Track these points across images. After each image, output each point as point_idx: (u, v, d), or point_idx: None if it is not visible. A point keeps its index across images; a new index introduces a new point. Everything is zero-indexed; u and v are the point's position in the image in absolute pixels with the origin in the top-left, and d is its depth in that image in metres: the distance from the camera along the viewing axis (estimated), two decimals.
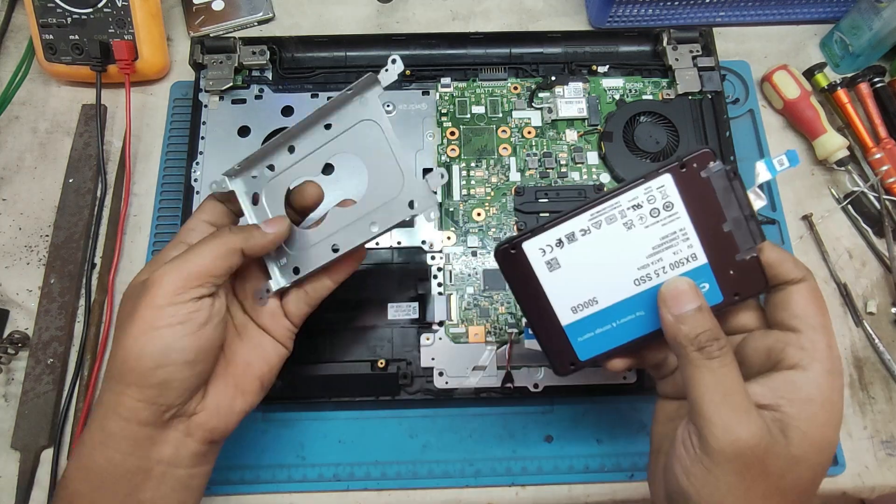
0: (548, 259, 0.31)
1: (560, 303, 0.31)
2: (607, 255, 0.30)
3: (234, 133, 0.49)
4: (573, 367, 0.32)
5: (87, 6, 0.50)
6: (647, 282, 0.30)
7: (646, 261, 0.30)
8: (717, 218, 0.29)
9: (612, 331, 0.31)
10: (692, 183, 0.29)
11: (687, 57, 0.50)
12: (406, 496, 0.43)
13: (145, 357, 0.29)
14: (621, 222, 0.30)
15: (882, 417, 0.45)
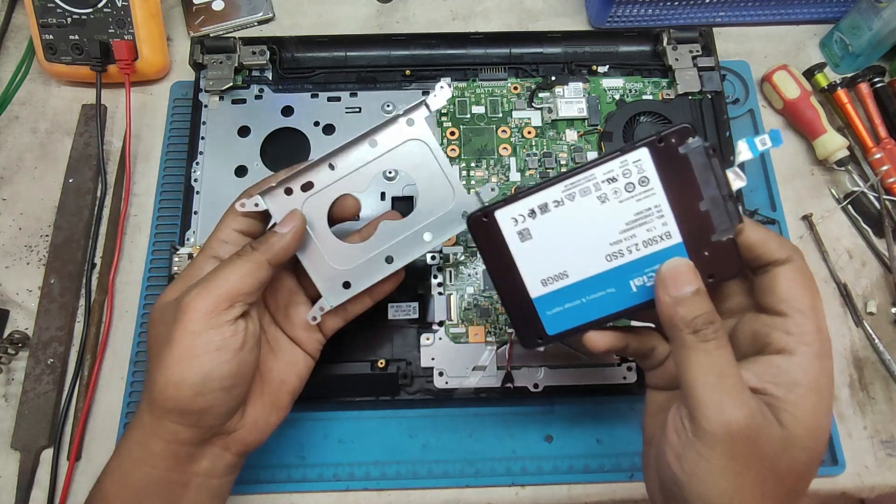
0: (520, 229, 0.30)
1: (530, 275, 0.30)
2: (580, 229, 0.29)
3: (234, 133, 0.49)
4: (540, 340, 0.31)
5: (87, 6, 0.50)
6: (619, 258, 0.29)
7: (618, 236, 0.29)
8: (693, 196, 0.28)
9: (582, 306, 0.30)
10: (669, 158, 0.28)
11: (687, 57, 0.50)
12: (406, 496, 0.43)
13: (185, 386, 0.29)
14: (595, 195, 0.29)
15: (882, 417, 0.45)
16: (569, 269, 0.30)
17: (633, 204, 0.29)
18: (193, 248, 0.45)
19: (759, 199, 0.50)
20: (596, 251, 0.29)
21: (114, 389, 0.45)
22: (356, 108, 0.50)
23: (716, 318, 0.27)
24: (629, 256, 0.29)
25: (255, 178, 0.48)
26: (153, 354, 0.31)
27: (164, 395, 0.30)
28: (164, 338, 0.30)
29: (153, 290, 0.47)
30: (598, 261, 0.30)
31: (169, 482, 0.31)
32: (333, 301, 0.36)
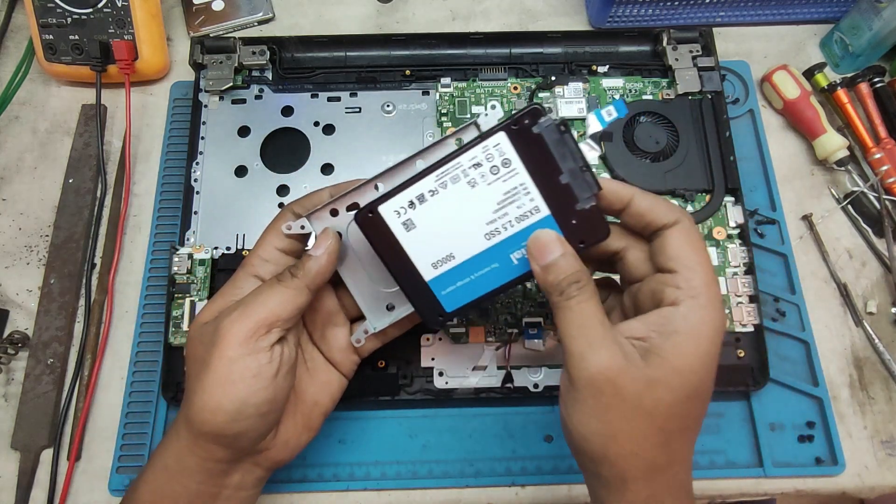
0: (403, 220, 0.32)
1: (421, 260, 0.32)
2: (457, 213, 0.31)
3: (234, 133, 0.49)
4: (441, 318, 0.33)
5: (87, 6, 0.50)
6: (497, 236, 0.31)
7: (493, 216, 0.31)
8: (553, 171, 0.30)
9: (472, 283, 0.32)
10: (525, 139, 0.30)
11: (687, 57, 0.50)
12: (406, 496, 0.43)
13: (221, 412, 0.30)
14: (465, 181, 0.31)
15: (882, 417, 0.45)
16: (454, 251, 0.32)
17: (501, 185, 0.31)
18: (193, 248, 0.45)
19: (759, 199, 0.50)
20: (475, 232, 0.32)
21: (114, 389, 0.45)
22: (356, 108, 0.50)
23: (581, 277, 0.29)
24: (506, 233, 0.31)
25: (255, 179, 0.48)
26: (191, 375, 0.32)
27: (200, 418, 0.30)
28: (201, 360, 0.31)
29: (153, 290, 0.47)
30: (478, 240, 0.32)
31: (201, 494, 0.32)
32: (378, 324, 0.35)
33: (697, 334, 0.28)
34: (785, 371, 0.45)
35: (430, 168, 0.31)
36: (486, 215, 0.31)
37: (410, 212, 0.32)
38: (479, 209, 0.31)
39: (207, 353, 0.30)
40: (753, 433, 0.44)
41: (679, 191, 0.47)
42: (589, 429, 0.28)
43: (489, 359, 0.43)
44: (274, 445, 0.33)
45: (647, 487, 0.28)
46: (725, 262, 0.46)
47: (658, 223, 0.30)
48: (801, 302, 0.46)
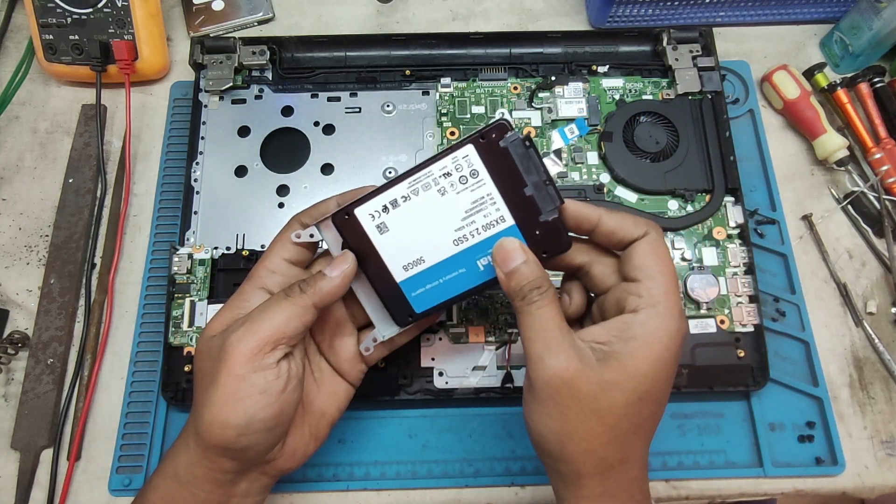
0: (377, 223, 0.33)
1: (393, 262, 0.34)
2: (427, 219, 0.33)
3: (234, 133, 0.49)
4: (411, 318, 0.35)
5: (87, 6, 0.50)
6: (465, 242, 0.33)
7: (461, 223, 0.33)
8: (518, 183, 0.32)
9: (441, 286, 0.34)
10: (492, 152, 0.31)
11: (687, 57, 0.50)
12: (406, 496, 0.43)
13: (229, 427, 0.30)
14: (435, 189, 0.32)
15: (882, 417, 0.45)
16: (424, 254, 0.34)
17: (469, 194, 0.32)
18: (193, 248, 0.46)
19: (760, 199, 0.50)
20: (444, 238, 0.33)
21: (114, 389, 0.45)
22: (356, 108, 0.50)
23: (542, 283, 0.30)
24: (473, 240, 0.33)
25: (255, 179, 0.48)
26: (199, 388, 0.32)
27: (209, 432, 0.30)
28: (209, 374, 0.31)
29: (153, 290, 0.47)
30: (447, 246, 0.33)
31: (209, 502, 0.32)
32: (387, 332, 0.36)
33: (653, 340, 0.29)
34: (785, 371, 0.45)
35: (404, 175, 0.33)
36: (455, 222, 0.33)
37: (384, 216, 0.33)
38: (448, 216, 0.33)
39: (215, 368, 0.31)
40: (753, 433, 0.44)
41: (679, 191, 0.47)
42: (547, 428, 0.30)
43: (489, 359, 0.43)
44: (281, 455, 0.34)
45: (600, 483, 0.30)
46: (725, 262, 0.46)
47: (629, 238, 0.32)
48: (801, 302, 0.46)
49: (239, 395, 0.30)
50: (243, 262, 0.45)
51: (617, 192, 0.48)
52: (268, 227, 0.47)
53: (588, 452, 0.29)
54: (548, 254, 0.32)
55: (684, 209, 0.47)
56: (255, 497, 0.35)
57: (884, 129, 0.51)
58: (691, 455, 0.43)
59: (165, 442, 0.44)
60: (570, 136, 0.35)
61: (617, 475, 0.30)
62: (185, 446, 0.32)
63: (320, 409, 0.35)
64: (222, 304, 0.43)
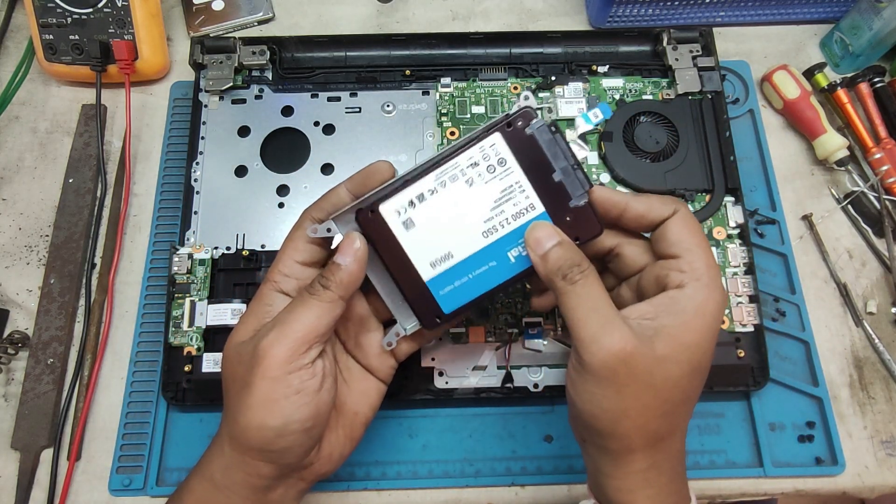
0: (403, 219, 0.32)
1: (420, 259, 0.33)
2: (455, 212, 0.32)
3: (234, 133, 0.49)
4: (439, 320, 0.33)
5: (87, 6, 0.50)
6: (495, 233, 0.32)
7: (490, 213, 0.32)
8: (546, 169, 0.32)
9: (470, 282, 0.33)
10: (519, 139, 0.32)
11: (687, 57, 0.50)
12: (406, 496, 0.43)
13: (266, 430, 0.30)
14: (463, 180, 0.32)
15: (882, 417, 0.45)
16: (452, 249, 0.33)
17: (497, 183, 0.32)
18: (193, 248, 0.45)
19: (760, 199, 0.50)
20: (473, 230, 0.32)
21: (114, 389, 0.45)
22: (356, 108, 0.50)
23: (581, 261, 0.30)
24: (503, 231, 0.32)
25: (255, 179, 0.48)
26: (231, 394, 0.32)
27: (245, 436, 0.30)
28: (241, 380, 0.31)
29: (153, 290, 0.47)
30: (476, 238, 0.32)
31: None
32: (409, 325, 0.35)
33: (703, 312, 0.29)
34: (785, 371, 0.45)
35: (430, 167, 0.32)
36: (484, 213, 0.32)
37: (410, 211, 0.32)
38: (476, 207, 0.32)
39: (248, 373, 0.30)
40: (753, 433, 0.44)
41: (679, 191, 0.47)
42: (601, 407, 0.29)
43: (489, 359, 0.43)
44: (318, 459, 0.34)
45: (649, 457, 0.30)
46: (725, 262, 0.46)
47: (658, 219, 0.32)
48: (801, 302, 0.46)
49: (275, 396, 0.30)
50: (243, 261, 0.45)
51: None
52: (268, 227, 0.47)
53: (642, 427, 0.29)
54: (580, 239, 0.32)
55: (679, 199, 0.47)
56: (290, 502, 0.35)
57: (884, 129, 0.51)
58: (691, 455, 0.43)
59: (165, 442, 0.44)
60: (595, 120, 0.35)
61: (665, 447, 0.30)
62: (219, 451, 0.32)
63: (353, 409, 0.35)
64: (222, 303, 0.44)
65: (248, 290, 0.45)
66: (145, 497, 0.42)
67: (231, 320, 0.44)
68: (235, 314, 0.44)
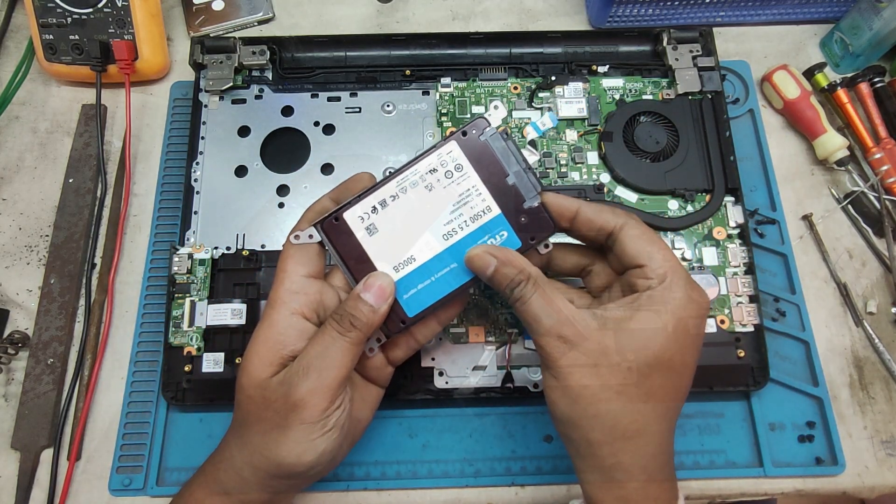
0: (366, 225, 0.34)
1: (382, 264, 0.34)
2: (416, 216, 0.34)
3: (234, 133, 0.49)
4: (403, 324, 0.34)
5: (87, 6, 0.50)
6: (454, 236, 0.34)
7: (449, 217, 0.34)
8: (501, 174, 0.34)
9: (433, 285, 0.34)
10: (474, 146, 0.34)
11: (687, 57, 0.50)
12: (406, 496, 0.43)
13: (303, 465, 0.31)
14: (422, 185, 0.34)
15: (882, 417, 0.45)
16: (414, 253, 0.34)
17: (455, 188, 0.34)
18: (193, 248, 0.45)
19: (760, 199, 0.50)
20: (433, 233, 0.34)
21: (114, 389, 0.45)
22: (356, 108, 0.50)
23: (524, 276, 0.32)
24: (462, 233, 0.34)
25: (255, 179, 0.48)
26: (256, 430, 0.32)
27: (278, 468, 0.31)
28: (271, 421, 0.31)
29: (153, 290, 0.47)
30: (437, 242, 0.34)
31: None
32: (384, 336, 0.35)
33: (660, 309, 0.31)
34: (785, 371, 0.45)
35: (391, 175, 0.34)
36: (444, 216, 0.34)
37: (373, 216, 0.34)
38: (436, 211, 0.34)
39: (282, 418, 0.31)
40: (753, 433, 0.44)
41: (679, 191, 0.47)
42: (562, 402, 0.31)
43: (489, 359, 0.43)
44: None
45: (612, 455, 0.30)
46: (725, 262, 0.46)
47: (608, 227, 0.33)
48: (801, 302, 0.46)
49: (313, 437, 0.31)
50: (243, 262, 0.45)
51: (617, 192, 0.48)
52: (268, 227, 0.47)
53: (595, 417, 0.30)
54: (535, 238, 0.34)
55: (684, 209, 0.47)
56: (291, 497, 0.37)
57: (884, 129, 0.51)
58: (691, 455, 0.43)
59: (166, 442, 0.44)
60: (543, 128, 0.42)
61: (631, 448, 0.30)
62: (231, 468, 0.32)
63: (356, 416, 0.35)
64: (222, 303, 0.44)
65: (247, 290, 0.45)
66: (145, 497, 0.42)
67: (231, 320, 0.44)
68: (236, 314, 0.44)
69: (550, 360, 0.31)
